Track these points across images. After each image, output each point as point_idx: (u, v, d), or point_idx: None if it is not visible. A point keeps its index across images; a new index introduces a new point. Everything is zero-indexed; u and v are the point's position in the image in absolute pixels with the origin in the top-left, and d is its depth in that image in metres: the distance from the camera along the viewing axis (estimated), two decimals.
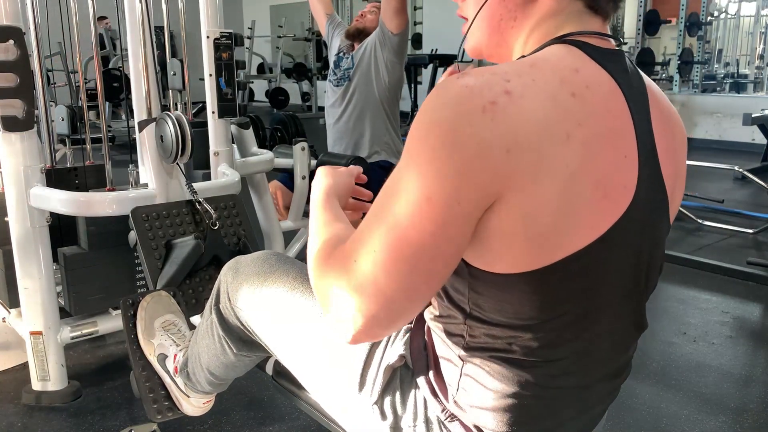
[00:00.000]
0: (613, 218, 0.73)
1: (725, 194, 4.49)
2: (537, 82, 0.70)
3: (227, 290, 1.12)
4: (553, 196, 0.68)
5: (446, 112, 0.68)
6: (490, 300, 0.75)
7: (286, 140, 5.51)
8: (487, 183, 0.67)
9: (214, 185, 1.97)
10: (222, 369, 1.21)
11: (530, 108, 0.68)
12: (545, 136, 0.68)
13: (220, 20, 2.10)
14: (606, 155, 0.72)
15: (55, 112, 3.30)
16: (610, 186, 0.72)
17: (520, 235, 0.69)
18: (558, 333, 0.76)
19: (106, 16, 8.47)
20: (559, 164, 0.68)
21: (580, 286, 0.75)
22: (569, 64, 0.73)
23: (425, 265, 0.69)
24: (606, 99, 0.74)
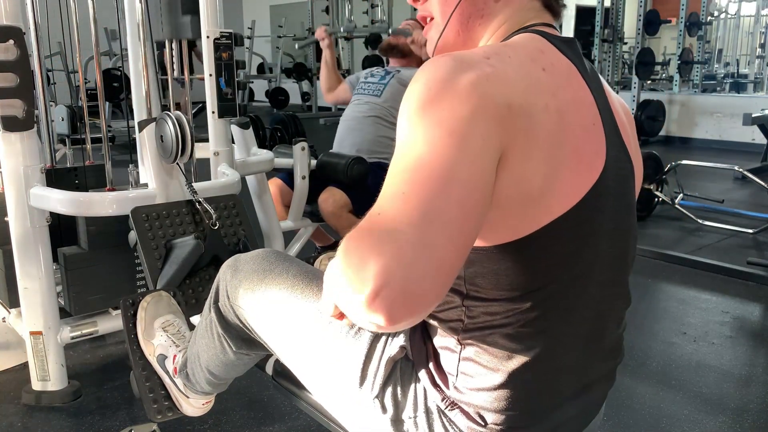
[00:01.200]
0: (589, 183, 0.79)
1: (725, 194, 4.49)
2: (512, 58, 0.78)
3: (226, 288, 1.12)
4: (541, 161, 0.74)
5: (447, 71, 0.72)
6: (487, 275, 0.79)
7: (286, 140, 5.52)
8: (495, 129, 0.70)
9: (214, 185, 1.97)
10: (221, 368, 1.21)
11: (512, 79, 0.74)
12: (529, 102, 0.74)
13: (220, 20, 2.10)
14: (578, 123, 0.79)
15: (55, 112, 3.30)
16: (584, 151, 0.79)
17: (515, 199, 0.74)
18: (552, 301, 0.81)
19: None
20: (543, 131, 0.74)
21: (567, 250, 0.79)
22: (535, 47, 0.82)
23: (456, 192, 0.66)
24: (568, 74, 0.82)
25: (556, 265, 0.79)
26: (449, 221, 0.65)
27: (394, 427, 0.89)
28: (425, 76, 0.72)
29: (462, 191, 0.67)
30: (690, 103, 7.64)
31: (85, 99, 2.22)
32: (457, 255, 0.67)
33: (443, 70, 0.72)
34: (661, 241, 3.64)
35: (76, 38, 2.09)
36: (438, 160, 0.67)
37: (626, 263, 0.92)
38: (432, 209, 0.65)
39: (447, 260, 0.66)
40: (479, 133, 0.69)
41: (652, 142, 7.44)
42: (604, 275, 0.86)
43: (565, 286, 0.81)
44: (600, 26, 7.64)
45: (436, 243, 0.65)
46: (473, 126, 0.69)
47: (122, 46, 2.01)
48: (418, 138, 0.69)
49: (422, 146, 0.68)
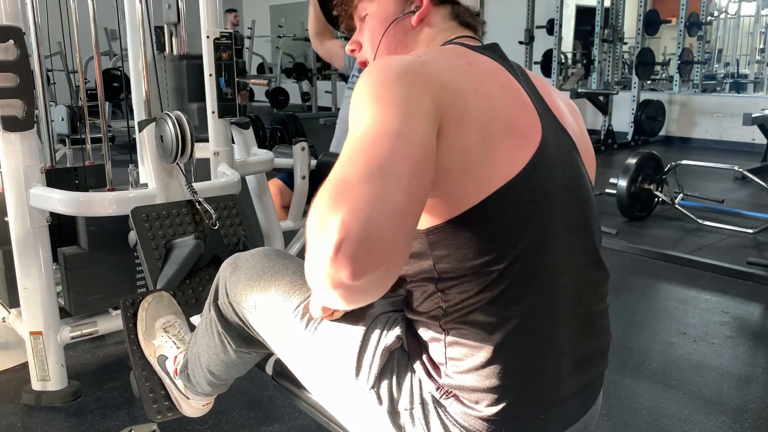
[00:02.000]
0: (530, 151, 0.87)
1: (725, 194, 4.49)
2: (440, 57, 0.90)
3: (225, 286, 1.13)
4: (477, 135, 0.83)
5: (389, 63, 0.84)
6: (451, 252, 0.84)
7: (286, 140, 5.52)
8: (430, 102, 0.79)
9: (214, 185, 1.97)
10: (222, 368, 1.21)
11: (444, 69, 0.86)
12: (460, 85, 0.85)
13: (220, 20, 2.10)
14: (507, 103, 0.89)
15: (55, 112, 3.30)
16: (518, 125, 0.88)
17: (458, 170, 0.81)
18: (517, 268, 0.84)
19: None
20: (474, 110, 0.84)
21: (519, 215, 0.85)
22: (458, 51, 0.94)
23: (400, 148, 0.73)
24: (493, 69, 0.93)
25: (510, 232, 0.84)
26: (396, 173, 0.71)
27: (390, 418, 0.90)
28: (366, 74, 0.83)
29: (405, 147, 0.73)
30: (690, 103, 7.64)
31: (85, 99, 2.22)
32: (409, 202, 0.71)
33: (381, 64, 0.84)
34: (661, 241, 3.64)
35: (76, 38, 2.09)
36: (381, 125, 0.75)
37: (591, 231, 0.96)
38: (379, 164, 0.71)
39: (400, 208, 0.70)
40: (416, 103, 0.78)
41: (652, 142, 7.44)
42: (569, 243, 0.90)
43: (526, 253, 0.85)
44: (600, 26, 7.64)
45: (386, 194, 0.69)
46: (411, 98, 0.78)
47: (122, 46, 2.01)
48: (364, 117, 0.77)
49: (367, 121, 0.76)
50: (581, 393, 0.94)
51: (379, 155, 0.71)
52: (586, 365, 0.93)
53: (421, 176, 0.74)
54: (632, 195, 3.96)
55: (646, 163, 4.01)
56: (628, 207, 3.97)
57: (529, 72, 1.01)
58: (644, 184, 4.00)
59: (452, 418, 0.86)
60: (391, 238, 0.69)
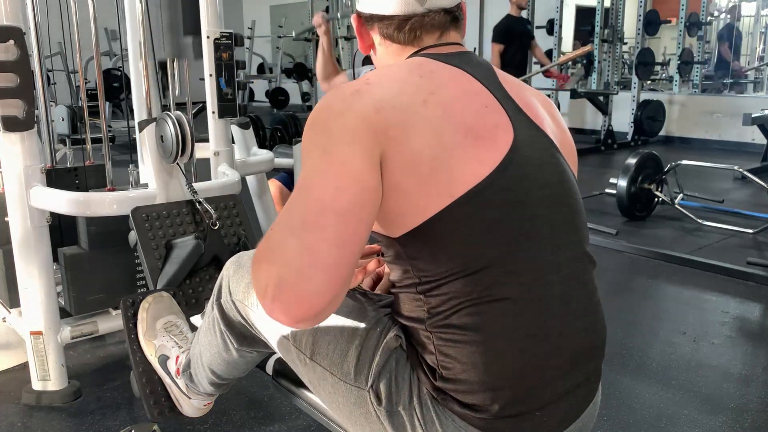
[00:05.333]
0: (500, 154, 0.87)
1: (725, 194, 4.49)
2: (389, 74, 0.93)
3: (228, 284, 1.14)
4: (426, 144, 0.84)
5: (325, 102, 0.88)
6: (425, 257, 0.85)
7: (286, 140, 5.53)
8: (367, 137, 0.82)
9: (214, 185, 1.97)
10: (224, 367, 1.21)
11: (388, 87, 0.89)
12: (405, 102, 0.86)
13: (220, 20, 2.10)
14: (464, 110, 0.89)
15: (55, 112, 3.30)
16: (480, 128, 0.88)
17: (410, 182, 0.83)
18: (498, 267, 0.85)
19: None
20: (422, 120, 0.85)
21: (496, 215, 0.85)
22: (415, 63, 0.95)
23: (328, 200, 0.78)
24: (451, 77, 0.93)
25: (485, 232, 0.85)
26: (326, 226, 0.77)
27: (389, 418, 0.90)
28: (314, 111, 0.88)
29: (333, 197, 0.78)
30: (690, 103, 7.64)
31: (85, 99, 2.22)
32: (341, 254, 0.77)
33: (318, 107, 0.87)
34: (661, 241, 3.64)
35: (76, 38, 2.09)
36: (312, 176, 0.81)
37: (576, 226, 0.96)
38: (308, 218, 0.78)
39: (331, 260, 0.76)
40: (346, 141, 0.81)
41: (652, 142, 7.44)
42: (554, 239, 0.91)
43: (506, 251, 0.86)
44: (600, 26, 7.64)
45: (316, 247, 0.76)
46: (338, 140, 0.82)
47: (122, 46, 2.01)
48: (303, 167, 0.83)
49: (304, 173, 0.82)
50: (579, 388, 0.94)
51: (309, 208, 0.78)
52: (581, 360, 0.93)
53: (354, 220, 0.78)
54: (632, 195, 3.96)
55: (646, 163, 4.00)
56: (628, 207, 3.97)
57: (500, 73, 1.01)
58: (644, 184, 4.00)
59: (450, 418, 0.87)
60: (324, 292, 0.76)
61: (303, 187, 0.81)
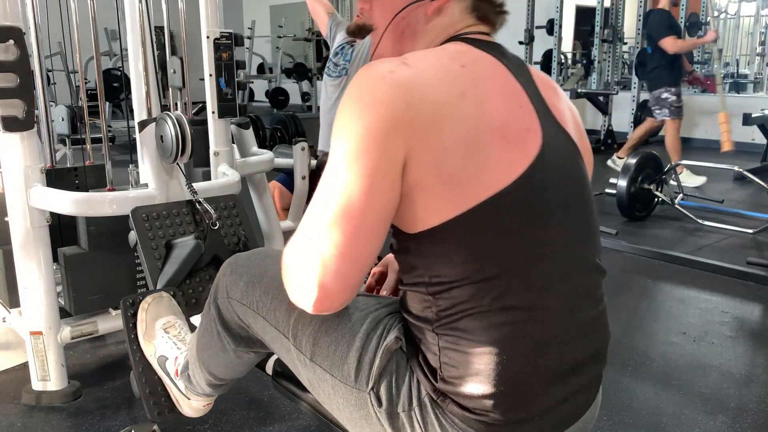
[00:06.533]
0: (528, 158, 0.85)
1: (725, 194, 4.49)
2: (429, 57, 0.88)
3: (225, 285, 1.13)
4: (458, 142, 0.81)
5: (352, 89, 0.83)
6: (440, 259, 0.84)
7: (286, 140, 5.52)
8: (393, 135, 0.80)
9: (214, 185, 1.97)
10: (222, 368, 1.21)
11: (425, 74, 0.83)
12: (441, 92, 0.82)
13: (220, 20, 2.10)
14: (501, 107, 0.86)
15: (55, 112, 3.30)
16: (512, 131, 0.85)
17: (435, 181, 0.81)
18: (511, 276, 0.83)
19: None
20: (457, 115, 0.82)
21: (512, 223, 0.84)
22: (457, 49, 0.91)
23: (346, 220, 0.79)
24: (491, 68, 0.90)
25: (505, 239, 0.83)
26: (347, 222, 0.80)
27: (389, 420, 0.90)
28: (344, 96, 0.84)
29: (355, 196, 0.79)
30: (690, 103, 7.63)
31: (85, 99, 2.22)
32: (360, 248, 0.81)
33: (354, 86, 0.84)
34: (661, 241, 3.64)
35: (76, 38, 2.09)
36: (337, 172, 0.81)
37: (589, 234, 0.95)
38: (330, 214, 0.80)
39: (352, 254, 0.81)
40: (372, 141, 0.80)
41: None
42: (566, 249, 0.89)
43: (521, 260, 0.84)
44: (600, 26, 7.64)
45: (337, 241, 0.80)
46: (366, 136, 0.80)
47: (122, 46, 2.01)
48: (334, 147, 0.83)
49: (333, 159, 0.82)
50: (579, 393, 0.93)
51: (331, 205, 0.80)
52: (583, 367, 0.93)
53: (375, 220, 0.81)
54: (632, 195, 3.96)
55: (646, 163, 4.00)
56: (628, 207, 3.97)
57: (533, 69, 0.98)
58: (644, 184, 4.00)
59: (450, 421, 0.86)
60: (358, 281, 0.84)
61: (329, 182, 0.82)
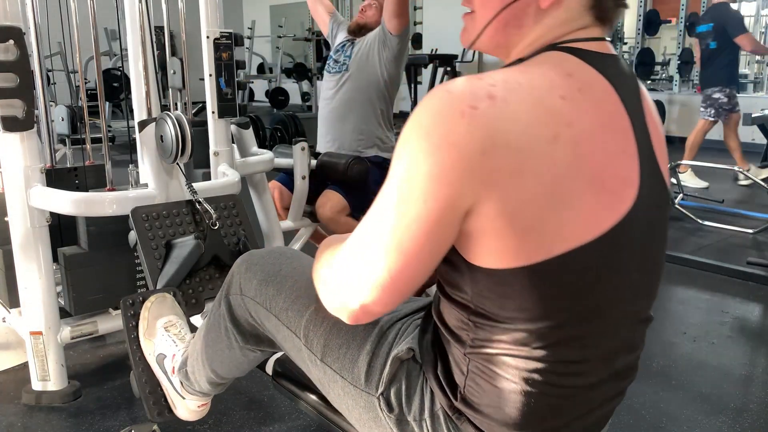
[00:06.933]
0: (618, 213, 0.74)
1: (725, 194, 4.49)
2: (523, 86, 0.72)
3: (239, 281, 1.13)
4: (540, 193, 0.70)
5: (426, 116, 0.72)
6: (492, 296, 0.77)
7: (286, 140, 5.52)
8: (461, 184, 0.70)
9: (214, 185, 1.97)
10: (225, 365, 1.21)
11: (513, 111, 0.70)
12: (529, 136, 0.70)
13: (220, 20, 2.10)
14: (600, 151, 0.74)
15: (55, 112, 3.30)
16: (607, 180, 0.74)
17: (508, 231, 0.72)
18: (563, 331, 0.77)
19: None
20: (545, 162, 0.70)
21: (584, 281, 0.76)
22: (562, 70, 0.76)
23: (393, 259, 0.74)
24: (599, 99, 0.76)
25: (569, 296, 0.76)
26: (394, 256, 0.74)
27: (398, 426, 0.89)
28: (414, 116, 0.73)
29: (405, 233, 0.73)
30: (690, 103, 7.63)
31: (85, 99, 2.22)
32: (400, 281, 0.76)
33: (429, 113, 0.72)
34: None
35: (76, 38, 2.09)
36: (389, 228, 0.74)
37: (653, 293, 0.88)
38: (380, 252, 0.75)
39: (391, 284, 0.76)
40: (432, 195, 0.71)
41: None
42: (628, 306, 0.83)
43: (580, 318, 0.78)
44: None
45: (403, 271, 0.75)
46: (429, 174, 0.70)
47: (122, 46, 2.01)
48: (387, 186, 0.75)
49: (384, 202, 0.75)
50: (594, 423, 0.91)
51: (394, 243, 0.73)
52: (605, 404, 0.90)
53: (425, 255, 0.75)
54: None
55: None
56: None
57: (643, 91, 0.85)
58: None
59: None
60: (400, 303, 0.80)
61: (385, 209, 0.74)
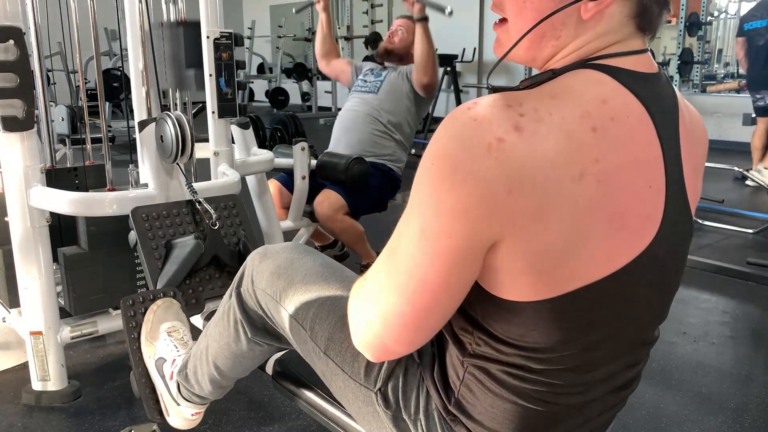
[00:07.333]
0: (636, 250, 0.72)
1: (725, 194, 4.49)
2: (554, 117, 0.67)
3: (252, 273, 1.13)
4: (561, 234, 0.67)
5: (451, 146, 0.67)
6: (500, 320, 0.76)
7: (286, 140, 5.52)
8: (485, 221, 0.67)
9: (214, 185, 1.97)
10: (229, 361, 1.20)
11: (541, 146, 0.66)
12: (554, 175, 0.66)
13: (220, 20, 2.10)
14: (626, 188, 0.70)
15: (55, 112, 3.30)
16: (628, 218, 0.70)
17: (523, 267, 0.70)
18: (566, 358, 0.77)
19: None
20: (568, 202, 0.66)
21: (596, 315, 0.75)
22: (596, 95, 0.71)
23: (417, 295, 0.72)
24: (633, 129, 0.71)
25: (578, 329, 0.75)
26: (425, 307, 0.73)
27: (393, 422, 0.90)
28: (436, 142, 0.69)
29: (423, 293, 0.72)
30: (690, 103, 7.63)
31: (85, 99, 2.22)
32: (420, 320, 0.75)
33: (454, 143, 0.67)
34: None
35: (76, 38, 2.08)
36: (406, 265, 0.72)
37: (660, 318, 0.88)
38: (408, 297, 0.73)
39: (428, 326, 0.77)
40: (456, 232, 0.68)
41: None
42: (636, 335, 0.84)
43: (587, 348, 0.77)
44: None
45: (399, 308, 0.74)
46: (453, 224, 0.68)
47: (122, 46, 2.01)
48: (408, 217, 0.72)
49: (402, 236, 0.73)
50: (598, 428, 0.92)
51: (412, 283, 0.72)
52: (604, 414, 0.90)
53: (452, 298, 0.74)
54: None
55: None
56: None
57: (683, 111, 0.80)
58: None
59: None
60: (423, 341, 0.80)
61: (405, 244, 0.72)
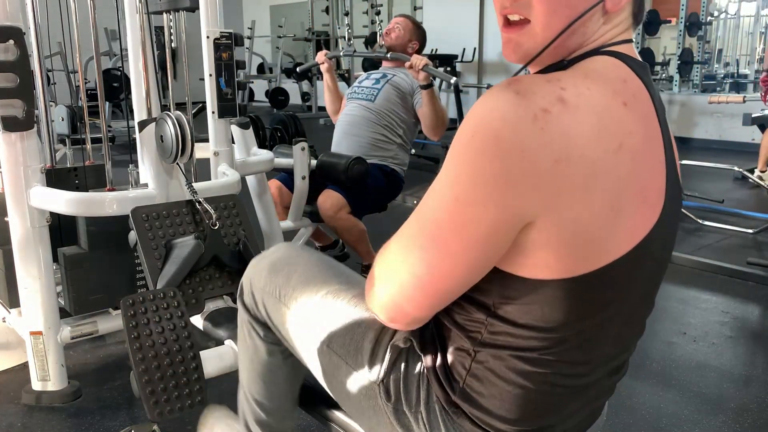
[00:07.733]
0: (650, 224, 0.75)
1: (725, 194, 4.49)
2: (592, 91, 0.70)
3: (250, 277, 1.14)
4: (605, 205, 0.69)
5: (493, 118, 0.67)
6: (518, 303, 0.77)
7: (286, 140, 5.51)
8: (528, 193, 0.67)
9: (214, 185, 1.97)
10: (260, 386, 1.17)
11: (585, 117, 0.68)
12: (599, 145, 0.68)
13: (220, 20, 2.10)
14: (648, 162, 0.74)
15: (55, 112, 3.30)
16: (649, 191, 0.74)
17: (565, 245, 0.71)
18: (579, 336, 0.79)
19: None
20: (610, 173, 0.69)
21: (612, 292, 0.77)
22: (617, 76, 0.75)
23: (436, 260, 0.74)
24: (646, 108, 0.76)
25: (595, 307, 0.77)
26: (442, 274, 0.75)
27: (394, 415, 0.90)
28: (477, 116, 0.68)
29: (445, 247, 0.73)
30: (690, 103, 7.63)
31: (85, 99, 2.22)
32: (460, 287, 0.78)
33: (496, 115, 0.67)
34: None
35: (76, 38, 2.08)
36: (443, 219, 0.72)
37: (652, 300, 0.90)
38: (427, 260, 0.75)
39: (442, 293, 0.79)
40: (494, 202, 0.68)
41: None
42: (638, 313, 0.86)
43: (593, 326, 0.79)
44: None
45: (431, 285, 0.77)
46: (491, 194, 0.67)
47: (122, 46, 2.01)
48: (442, 185, 0.72)
49: (434, 202, 0.73)
50: (587, 417, 0.94)
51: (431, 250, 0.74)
52: (601, 396, 0.93)
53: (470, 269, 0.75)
54: None
55: None
56: None
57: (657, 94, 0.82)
58: None
59: (458, 429, 0.86)
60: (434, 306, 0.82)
61: (429, 221, 0.73)
